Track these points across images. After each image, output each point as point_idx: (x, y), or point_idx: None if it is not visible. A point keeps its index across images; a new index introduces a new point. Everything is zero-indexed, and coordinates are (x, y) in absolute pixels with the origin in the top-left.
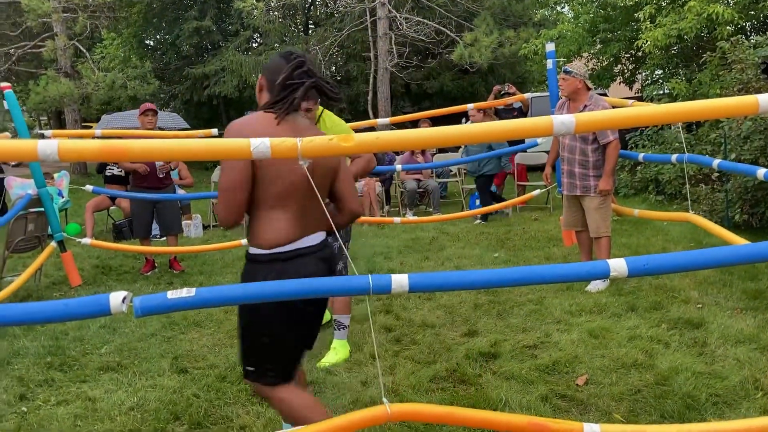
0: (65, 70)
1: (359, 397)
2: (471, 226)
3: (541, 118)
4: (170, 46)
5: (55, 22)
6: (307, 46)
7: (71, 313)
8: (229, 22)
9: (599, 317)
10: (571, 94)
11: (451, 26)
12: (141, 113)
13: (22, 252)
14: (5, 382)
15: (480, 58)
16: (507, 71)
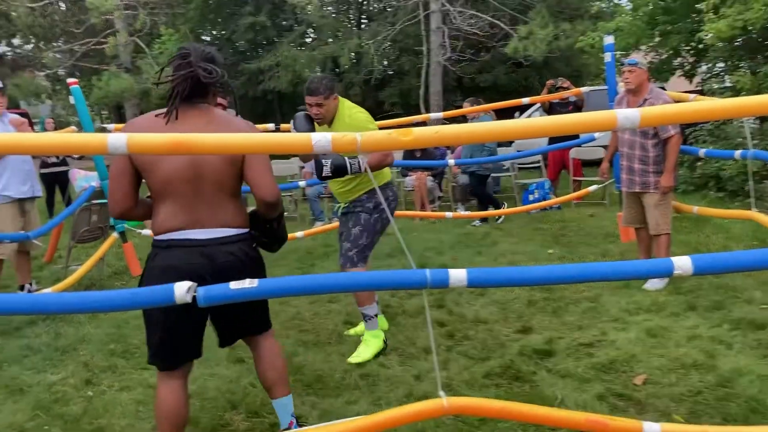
0: (126, 66)
1: (412, 391)
2: (525, 222)
3: (605, 112)
4: (226, 41)
5: (116, 18)
6: (360, 41)
7: (139, 301)
8: (283, 18)
9: (657, 316)
10: (637, 86)
11: (505, 19)
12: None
13: (86, 242)
14: (72, 367)
15: (535, 52)
16: (562, 65)
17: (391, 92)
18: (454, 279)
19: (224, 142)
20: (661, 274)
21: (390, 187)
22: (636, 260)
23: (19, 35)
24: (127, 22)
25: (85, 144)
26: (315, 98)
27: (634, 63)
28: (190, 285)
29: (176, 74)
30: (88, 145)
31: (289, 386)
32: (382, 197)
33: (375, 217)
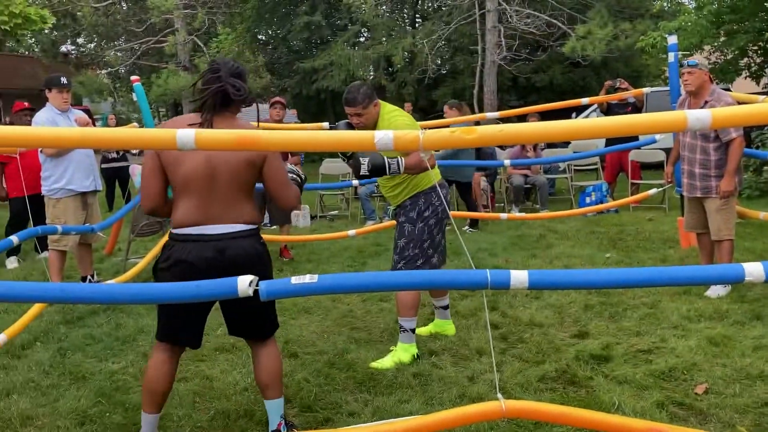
0: (184, 64)
1: (466, 392)
2: (580, 225)
3: (674, 112)
4: (281, 40)
5: (176, 18)
6: (414, 40)
7: (202, 293)
8: (338, 17)
9: (720, 324)
10: (697, 88)
11: (563, 18)
12: (271, 105)
13: (145, 236)
14: (131, 356)
15: (593, 52)
16: (621, 65)
17: (445, 91)
18: (515, 280)
19: (288, 138)
20: (731, 281)
21: (436, 191)
22: (704, 265)
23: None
24: (186, 21)
25: (157, 139)
26: (354, 108)
27: (694, 64)
28: (252, 279)
29: (208, 87)
30: (159, 140)
31: (282, 390)
32: (426, 202)
33: (420, 226)
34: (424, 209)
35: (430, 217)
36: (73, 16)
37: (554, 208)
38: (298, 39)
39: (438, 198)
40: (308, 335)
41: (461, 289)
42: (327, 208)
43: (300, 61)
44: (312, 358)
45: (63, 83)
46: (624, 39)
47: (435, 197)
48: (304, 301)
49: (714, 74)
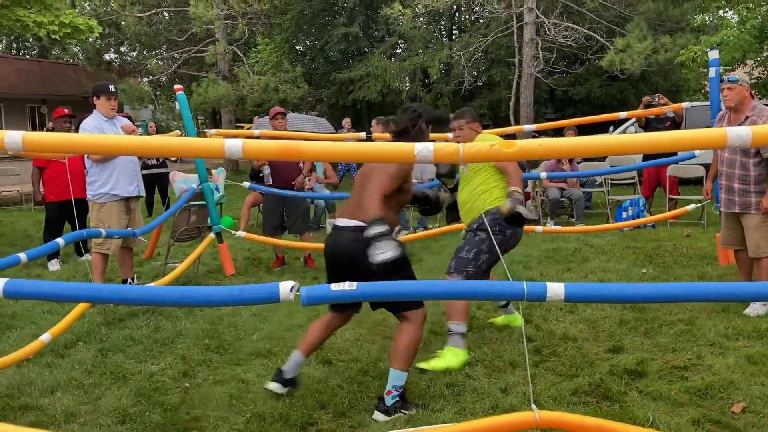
0: (224, 74)
1: (499, 404)
2: (616, 239)
3: (714, 129)
4: (319, 51)
5: (217, 28)
6: (450, 52)
7: (246, 298)
8: (375, 29)
9: (759, 343)
10: (737, 104)
11: (601, 31)
12: (272, 117)
13: (184, 241)
14: (170, 359)
15: (632, 65)
16: (660, 79)
17: (481, 103)
18: (552, 292)
19: (330, 149)
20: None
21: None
22: (738, 282)
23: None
24: (226, 31)
25: (207, 148)
26: (459, 122)
27: (734, 80)
28: (293, 284)
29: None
30: (209, 149)
31: (401, 363)
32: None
33: (481, 236)
34: (493, 228)
35: (497, 234)
36: (117, 26)
37: (590, 222)
38: (336, 50)
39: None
40: (342, 343)
41: (499, 299)
42: None
43: (337, 71)
44: (346, 365)
45: (111, 91)
46: (664, 53)
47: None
48: None
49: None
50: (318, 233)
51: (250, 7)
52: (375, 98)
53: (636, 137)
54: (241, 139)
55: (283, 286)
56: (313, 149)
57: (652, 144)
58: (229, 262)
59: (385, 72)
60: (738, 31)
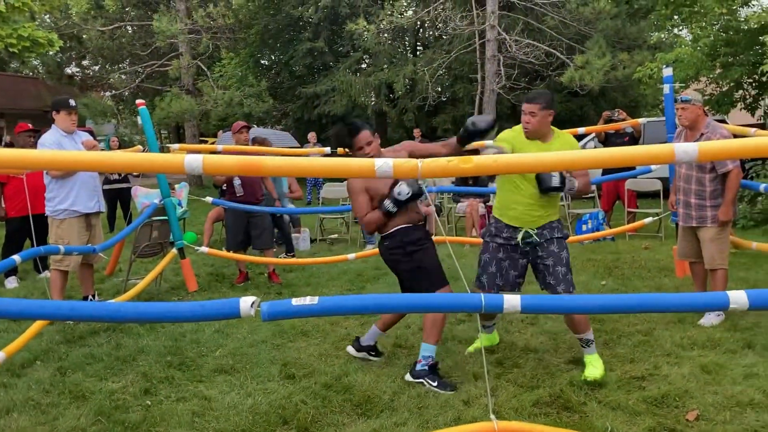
0: (187, 88)
1: (461, 416)
2: (577, 252)
3: (663, 145)
4: (284, 65)
5: (181, 42)
6: (414, 68)
7: (206, 313)
8: (340, 44)
9: (713, 352)
10: (692, 123)
11: (561, 48)
12: (237, 131)
13: (146, 257)
14: (131, 376)
15: (591, 81)
16: (619, 95)
17: (444, 118)
18: (508, 304)
19: (288, 164)
20: (716, 308)
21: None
22: (691, 293)
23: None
24: (190, 45)
25: (166, 163)
26: (531, 106)
27: (687, 100)
28: (254, 300)
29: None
30: (168, 164)
31: (430, 338)
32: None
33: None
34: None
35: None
36: (79, 39)
37: None
38: (301, 64)
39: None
40: (306, 358)
41: (457, 312)
42: (327, 231)
43: (302, 86)
44: (309, 380)
45: (71, 105)
46: (622, 69)
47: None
48: (302, 325)
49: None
50: (282, 248)
51: (214, 22)
52: (340, 113)
53: (589, 153)
54: (201, 155)
55: (244, 301)
56: (274, 164)
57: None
58: (191, 277)
59: (350, 87)
60: (692, 49)
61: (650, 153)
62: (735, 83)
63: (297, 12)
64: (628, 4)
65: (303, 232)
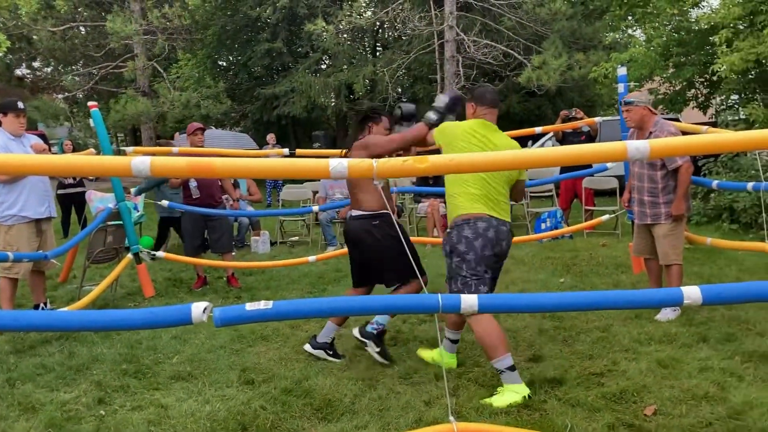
0: (143, 90)
1: (422, 417)
2: (536, 250)
3: (615, 143)
4: (242, 66)
5: (136, 43)
6: (374, 68)
7: (157, 320)
8: (299, 45)
9: (669, 347)
10: (638, 123)
11: (519, 49)
12: (191, 133)
13: (100, 263)
14: (84, 386)
15: (548, 81)
16: (575, 94)
17: None
18: (466, 304)
19: (239, 166)
20: (671, 303)
21: (480, 217)
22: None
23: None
24: (146, 46)
25: (112, 166)
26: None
27: (630, 102)
28: (206, 305)
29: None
30: (114, 168)
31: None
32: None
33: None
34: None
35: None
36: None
37: None
38: (259, 65)
39: (474, 233)
40: (266, 363)
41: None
42: (287, 233)
43: (261, 87)
44: (269, 385)
45: (20, 108)
46: (578, 69)
47: (470, 232)
48: (262, 329)
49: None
50: (242, 251)
51: (170, 23)
52: (300, 114)
53: (540, 152)
54: (148, 157)
55: (196, 307)
56: (224, 166)
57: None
58: (148, 283)
59: (309, 88)
60: (645, 49)
61: (603, 151)
62: (687, 82)
63: (254, 12)
64: (584, 5)
65: (263, 235)
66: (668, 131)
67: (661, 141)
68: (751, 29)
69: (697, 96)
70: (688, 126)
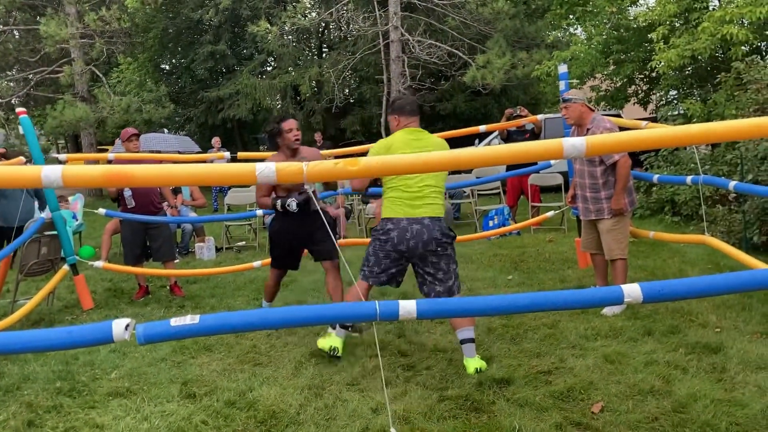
0: (82, 95)
1: (369, 425)
2: (485, 248)
3: (552, 141)
4: (185, 70)
5: (72, 47)
6: (320, 70)
7: (75, 341)
8: (243, 47)
9: (615, 342)
10: (577, 120)
11: (463, 48)
12: (126, 139)
13: (35, 275)
14: (14, 408)
15: (492, 80)
16: (520, 93)
17: (353, 120)
18: (404, 311)
19: (163, 172)
20: (612, 302)
21: (390, 220)
22: (588, 288)
23: None
24: (83, 50)
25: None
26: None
27: (568, 100)
28: (129, 322)
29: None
30: (23, 178)
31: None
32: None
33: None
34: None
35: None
36: None
37: (459, 232)
38: (203, 68)
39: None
40: (209, 374)
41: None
42: (234, 239)
43: (205, 90)
44: (211, 398)
45: None
46: (522, 68)
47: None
48: (205, 339)
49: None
50: (186, 258)
51: (108, 26)
52: (246, 116)
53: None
54: (60, 167)
55: (117, 324)
56: (144, 174)
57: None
58: (86, 295)
59: (255, 90)
60: (586, 47)
61: (541, 149)
62: (628, 79)
63: (196, 15)
64: (526, 5)
65: (207, 242)
66: (604, 127)
67: (598, 138)
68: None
69: (637, 92)
70: (628, 122)
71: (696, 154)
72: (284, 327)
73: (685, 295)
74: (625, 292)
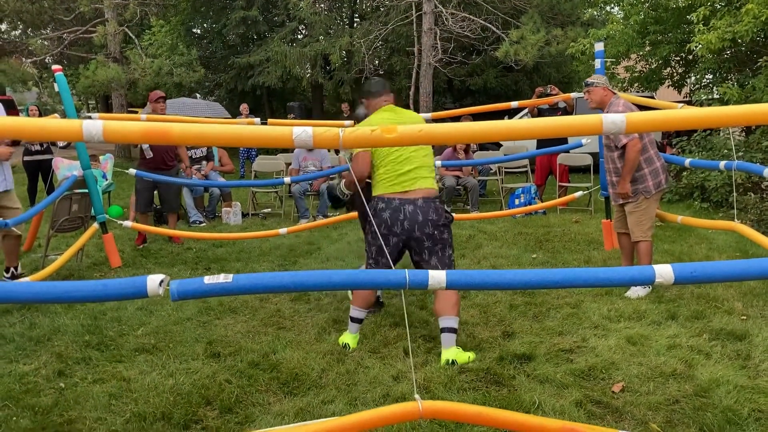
0: (114, 56)
1: (390, 392)
2: (509, 226)
3: (592, 116)
4: (217, 35)
5: (106, 8)
6: (351, 39)
7: (109, 293)
8: (275, 13)
9: (638, 324)
10: (599, 104)
11: (497, 23)
12: (154, 101)
13: (66, 232)
14: (45, 357)
15: (525, 56)
16: (552, 70)
17: None
18: (434, 280)
19: (202, 132)
20: (643, 282)
21: (381, 198)
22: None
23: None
24: (116, 11)
25: (63, 130)
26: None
27: (590, 84)
28: (163, 278)
29: None
30: (65, 132)
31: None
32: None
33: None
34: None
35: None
36: None
37: (485, 209)
38: (234, 34)
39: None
40: (233, 335)
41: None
42: (260, 205)
43: (235, 56)
44: (235, 358)
45: None
46: (556, 45)
47: (381, 204)
48: (230, 301)
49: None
50: (213, 222)
51: None
52: (275, 84)
53: (523, 123)
54: (101, 121)
55: (152, 279)
56: (182, 131)
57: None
58: (114, 253)
59: (285, 58)
60: (623, 26)
61: (578, 124)
62: (663, 60)
63: None
64: None
65: (234, 207)
66: (619, 107)
67: (638, 115)
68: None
69: (672, 74)
70: (663, 103)
71: (731, 140)
72: (316, 290)
73: (716, 278)
74: (657, 272)
